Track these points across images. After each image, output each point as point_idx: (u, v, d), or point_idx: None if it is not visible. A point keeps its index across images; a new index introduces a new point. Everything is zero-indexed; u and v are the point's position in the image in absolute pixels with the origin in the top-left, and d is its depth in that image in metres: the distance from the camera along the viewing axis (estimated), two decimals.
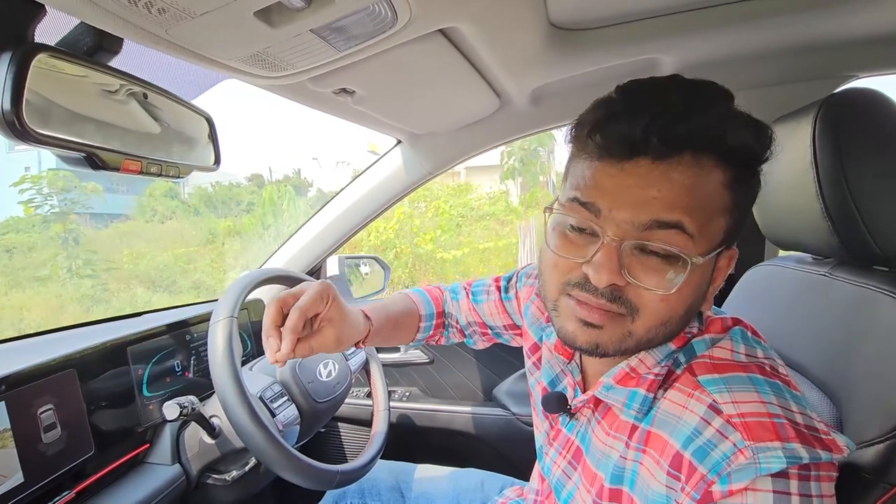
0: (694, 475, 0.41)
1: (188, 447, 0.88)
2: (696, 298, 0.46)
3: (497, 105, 1.05)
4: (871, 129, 0.56)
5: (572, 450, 0.58)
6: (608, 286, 0.43)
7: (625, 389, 0.49)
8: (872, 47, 0.91)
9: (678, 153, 0.41)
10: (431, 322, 0.81)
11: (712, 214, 0.43)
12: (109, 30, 0.46)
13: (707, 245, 0.43)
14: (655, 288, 0.43)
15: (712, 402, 0.43)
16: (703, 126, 0.41)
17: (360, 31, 0.57)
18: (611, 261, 0.42)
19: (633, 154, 0.42)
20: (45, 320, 4.81)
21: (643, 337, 0.45)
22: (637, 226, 0.42)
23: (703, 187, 0.42)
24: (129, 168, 0.50)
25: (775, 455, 0.38)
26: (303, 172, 10.56)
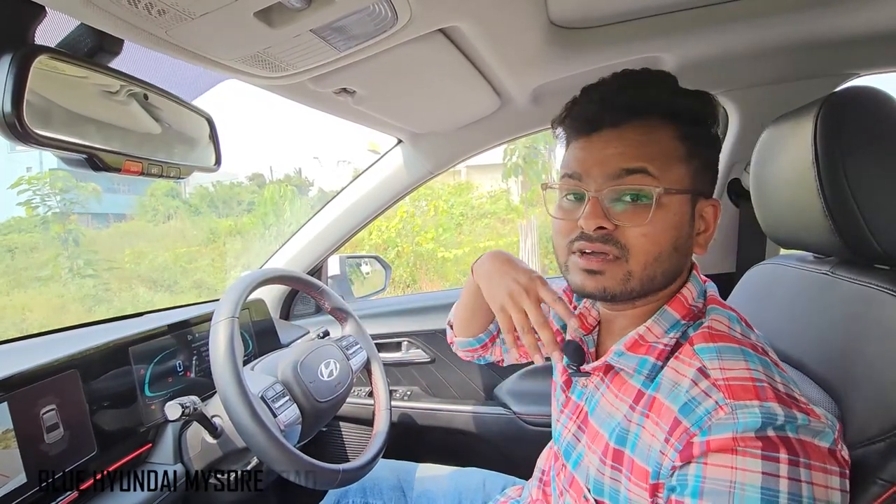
0: (678, 428, 0.46)
1: (190, 447, 0.88)
2: (680, 237, 0.53)
3: (498, 104, 1.05)
4: (872, 128, 0.56)
5: (581, 414, 0.62)
6: (597, 230, 0.52)
7: (635, 356, 0.55)
8: (873, 45, 0.91)
9: (628, 120, 0.52)
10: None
11: (670, 160, 0.52)
12: (110, 31, 0.46)
13: (672, 183, 0.51)
14: (634, 223, 0.51)
15: (701, 366, 0.48)
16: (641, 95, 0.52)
17: (360, 31, 0.57)
18: (595, 209, 0.52)
19: (595, 127, 0.53)
20: (47, 320, 4.81)
21: (642, 275, 0.52)
22: (609, 177, 0.52)
23: (655, 140, 0.52)
24: (130, 169, 0.50)
25: (752, 412, 0.42)
26: (304, 172, 10.58)
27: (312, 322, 1.45)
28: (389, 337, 1.41)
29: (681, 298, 0.56)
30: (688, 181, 0.53)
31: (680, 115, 0.52)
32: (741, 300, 0.82)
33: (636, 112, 0.52)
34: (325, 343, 1.03)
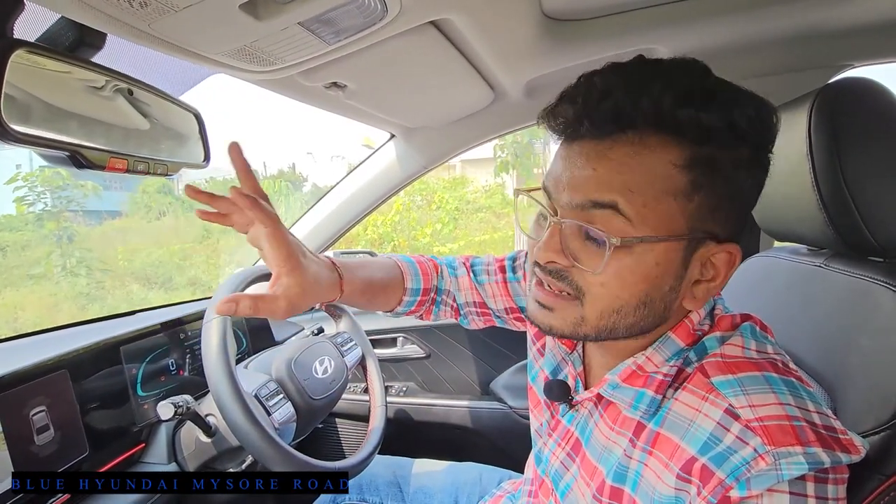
0: (711, 480, 0.39)
1: (184, 446, 0.87)
2: (656, 289, 0.43)
3: (491, 98, 1.04)
4: (867, 120, 0.55)
5: (571, 441, 0.57)
6: (549, 263, 0.44)
7: (632, 389, 0.48)
8: (868, 36, 0.91)
9: (613, 133, 0.40)
10: (416, 297, 0.73)
11: (659, 196, 0.40)
12: (90, 24, 0.45)
13: (655, 228, 0.41)
14: (588, 268, 0.42)
15: (728, 407, 0.41)
16: (632, 101, 0.39)
17: (349, 24, 0.55)
18: (552, 239, 0.43)
19: (573, 135, 0.43)
20: (39, 319, 4.77)
21: (597, 324, 0.45)
22: (575, 206, 0.42)
23: (645, 166, 0.40)
24: (115, 166, 0.49)
25: (797, 461, 0.37)
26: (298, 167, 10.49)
27: (307, 319, 1.44)
28: (384, 333, 1.41)
29: (687, 324, 0.47)
30: (682, 224, 0.41)
31: (688, 130, 0.39)
32: (735, 293, 0.82)
33: (624, 123, 0.40)
34: (320, 340, 1.03)
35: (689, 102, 0.39)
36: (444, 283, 0.76)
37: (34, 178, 5.77)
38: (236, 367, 0.92)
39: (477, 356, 1.37)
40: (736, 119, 0.39)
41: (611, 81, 0.41)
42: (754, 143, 0.41)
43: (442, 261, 0.78)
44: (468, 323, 0.79)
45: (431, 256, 0.79)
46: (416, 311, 0.75)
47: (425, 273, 0.74)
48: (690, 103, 0.39)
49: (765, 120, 0.41)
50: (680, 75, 0.41)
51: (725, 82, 0.42)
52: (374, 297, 0.68)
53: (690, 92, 0.39)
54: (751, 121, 0.40)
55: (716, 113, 0.39)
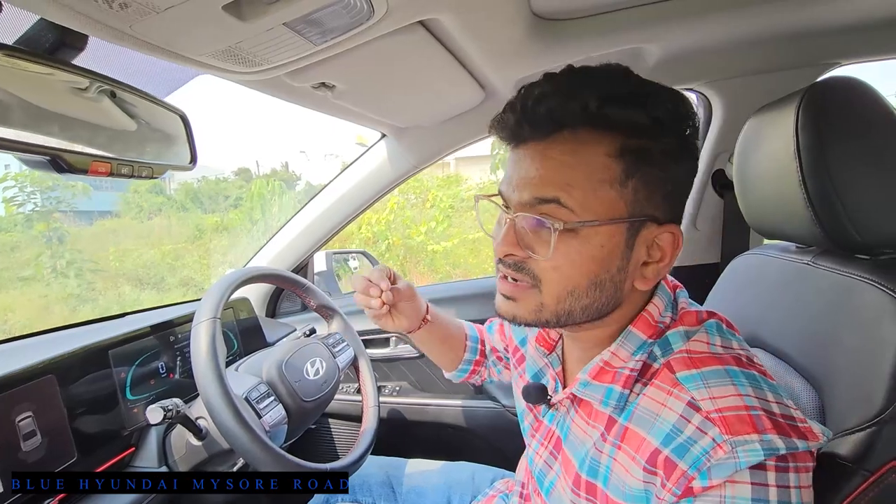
0: (675, 472, 0.42)
1: (175, 449, 0.87)
2: (605, 270, 0.47)
3: (482, 97, 1.04)
4: (853, 118, 0.56)
5: (553, 440, 0.59)
6: (507, 256, 0.49)
7: (601, 386, 0.51)
8: (855, 35, 0.91)
9: (552, 133, 0.45)
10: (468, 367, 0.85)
11: (597, 185, 0.45)
12: (70, 25, 0.44)
13: (597, 213, 0.45)
14: (540, 256, 0.46)
15: (690, 399, 0.44)
16: (564, 103, 0.44)
17: (335, 24, 0.55)
18: (507, 234, 0.48)
19: (519, 140, 0.47)
20: (30, 321, 4.72)
21: (556, 308, 0.48)
22: (524, 203, 0.46)
23: (581, 160, 0.44)
24: (97, 170, 0.49)
25: (753, 448, 0.39)
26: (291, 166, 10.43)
27: (299, 319, 1.43)
28: (377, 333, 1.40)
29: (646, 316, 0.51)
30: (622, 208, 0.45)
31: (617, 125, 0.44)
32: (725, 290, 0.83)
33: (561, 123, 0.44)
34: (311, 341, 1.02)
35: (614, 101, 0.44)
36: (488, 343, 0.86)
37: (23, 179, 5.69)
38: (227, 369, 0.91)
39: None
40: (658, 112, 0.44)
41: (545, 88, 0.45)
42: (677, 132, 0.46)
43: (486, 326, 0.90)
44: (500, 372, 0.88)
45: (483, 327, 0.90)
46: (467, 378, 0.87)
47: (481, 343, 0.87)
48: (614, 102, 0.44)
49: (682, 111, 0.46)
50: (604, 78, 0.46)
51: (645, 82, 0.47)
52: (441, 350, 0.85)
53: (614, 92, 0.44)
54: (670, 113, 0.45)
55: (639, 108, 0.44)
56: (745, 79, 1.06)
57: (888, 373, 0.48)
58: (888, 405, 0.47)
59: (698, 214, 1.19)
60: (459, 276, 5.66)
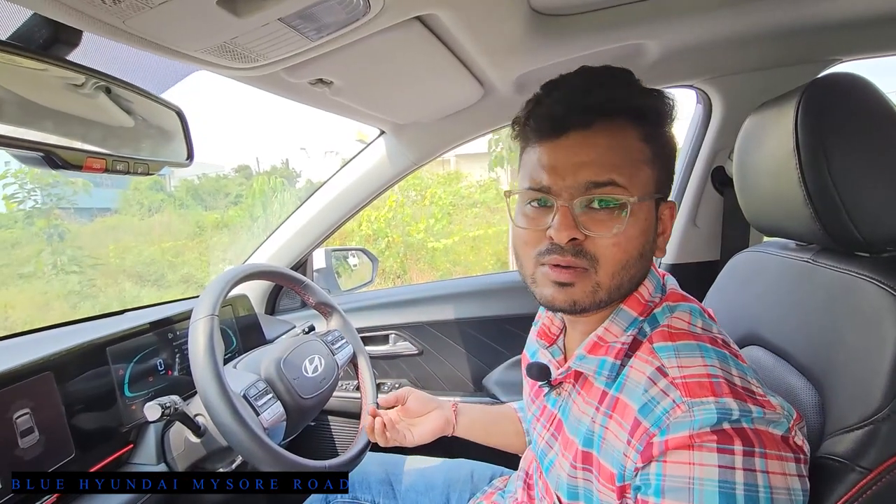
0: (639, 429, 0.46)
1: (173, 446, 0.87)
2: (647, 242, 0.52)
3: (481, 93, 1.03)
4: (853, 115, 0.55)
5: (555, 423, 0.62)
6: (569, 242, 0.50)
7: (595, 358, 0.55)
8: (855, 31, 0.91)
9: (595, 121, 0.49)
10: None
11: (637, 165, 0.50)
12: (64, 21, 0.44)
13: (641, 191, 0.50)
14: (606, 233, 0.50)
15: (660, 366, 0.49)
16: (609, 96, 0.49)
17: (331, 20, 0.54)
18: (566, 219, 0.50)
19: (562, 130, 0.50)
20: (30, 318, 4.72)
21: (610, 284, 0.51)
22: (579, 188, 0.50)
23: (622, 145, 0.50)
24: (92, 167, 0.48)
25: (707, 408, 0.43)
26: (291, 162, 10.41)
27: (299, 316, 1.43)
28: (376, 330, 1.40)
29: (636, 296, 0.55)
30: (652, 186, 0.52)
31: (646, 115, 0.51)
32: (725, 287, 0.82)
33: (605, 113, 0.49)
34: (310, 339, 1.02)
35: (642, 93, 0.52)
36: None
37: (24, 176, 5.69)
38: (225, 366, 0.91)
39: (469, 353, 1.36)
40: (664, 104, 0.53)
41: (588, 81, 0.51)
42: (672, 122, 0.54)
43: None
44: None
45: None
46: None
47: None
48: (643, 94, 0.52)
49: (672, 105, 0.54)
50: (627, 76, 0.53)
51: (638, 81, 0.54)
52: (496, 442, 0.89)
53: (638, 86, 0.52)
54: (668, 106, 0.53)
55: (655, 100, 0.52)
56: (744, 75, 1.06)
57: (888, 371, 0.48)
58: (887, 403, 0.47)
59: (698, 212, 1.19)
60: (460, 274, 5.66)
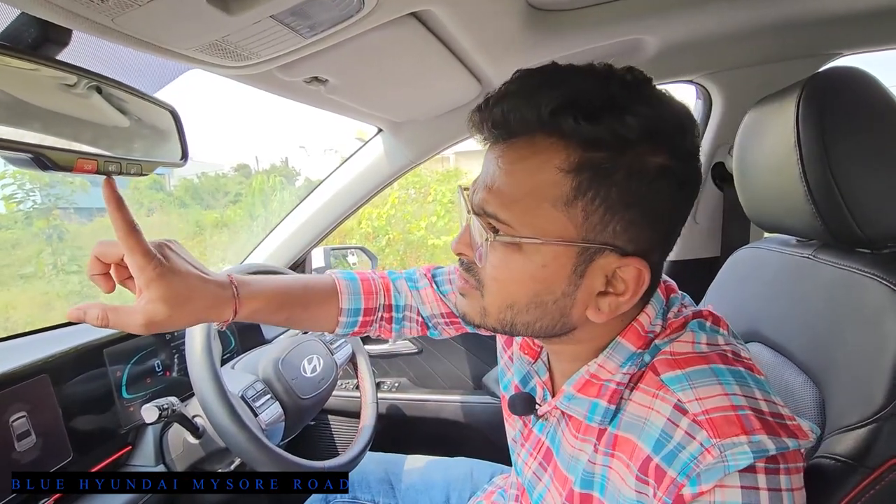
0: (664, 479, 0.40)
1: (172, 447, 0.87)
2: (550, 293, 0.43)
3: (478, 90, 1.02)
4: (855, 109, 0.54)
5: (542, 450, 0.57)
6: (459, 254, 0.48)
7: (586, 399, 0.48)
8: (856, 24, 0.90)
9: (514, 136, 0.41)
10: (356, 318, 0.69)
11: (537, 203, 0.41)
12: (52, 20, 0.43)
13: (535, 232, 0.41)
14: (479, 262, 0.45)
15: (677, 402, 0.41)
16: (515, 109, 0.40)
17: (324, 17, 0.54)
18: (463, 234, 0.47)
19: (487, 140, 0.44)
20: (32, 318, 4.72)
21: (497, 316, 0.46)
22: (475, 208, 0.45)
23: (527, 173, 0.41)
24: (83, 168, 0.47)
25: (742, 451, 0.37)
26: (290, 161, 10.38)
27: None
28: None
29: (636, 327, 0.47)
30: (572, 230, 0.41)
31: (572, 136, 0.39)
32: (725, 284, 0.82)
33: (513, 129, 0.41)
34: (308, 338, 1.02)
35: (572, 108, 0.38)
36: (403, 300, 0.73)
37: (22, 176, 5.67)
38: (223, 367, 0.91)
39: (469, 351, 1.36)
40: (621, 127, 0.38)
41: (509, 88, 0.41)
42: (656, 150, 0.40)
43: (400, 275, 0.76)
44: (439, 333, 0.77)
45: (388, 272, 0.76)
46: (361, 330, 0.71)
47: (368, 292, 0.71)
48: (572, 109, 0.38)
49: (662, 124, 0.40)
50: (574, 81, 0.40)
51: (627, 85, 0.40)
52: (292, 315, 0.63)
53: (576, 100, 0.39)
54: (643, 126, 0.38)
55: (597, 121, 0.38)
56: (744, 70, 1.05)
57: (889, 368, 0.47)
58: (889, 401, 0.47)
59: (698, 208, 1.18)
60: None
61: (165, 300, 0.47)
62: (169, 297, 0.47)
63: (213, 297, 0.52)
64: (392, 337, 0.78)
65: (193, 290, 0.50)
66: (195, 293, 0.50)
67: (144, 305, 0.47)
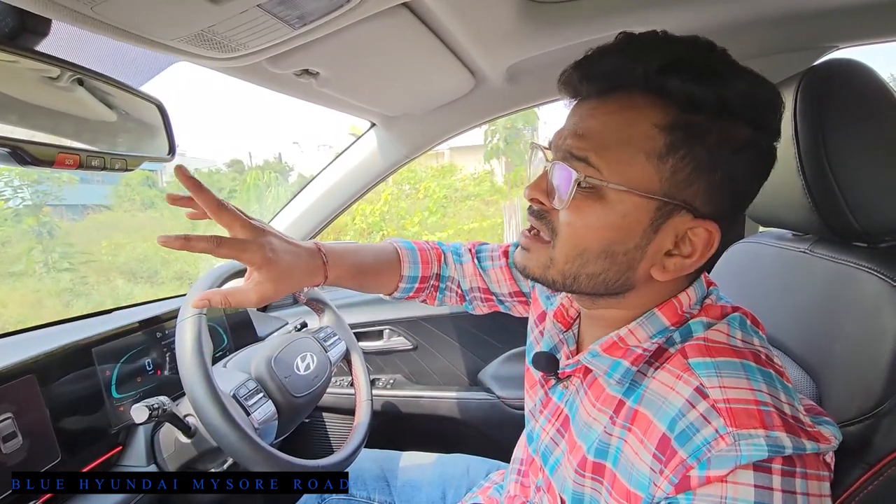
0: (674, 459, 0.40)
1: (164, 447, 0.85)
2: (622, 244, 0.44)
3: (472, 84, 1.01)
4: (852, 102, 0.54)
5: (561, 418, 0.57)
6: (532, 200, 0.48)
7: (609, 358, 0.49)
8: (853, 17, 0.89)
9: (609, 92, 0.44)
10: (413, 284, 0.76)
11: (632, 152, 0.42)
12: (28, 8, 0.41)
13: (624, 180, 0.43)
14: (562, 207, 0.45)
15: (699, 385, 0.41)
16: (620, 65, 0.42)
17: (314, 6, 0.52)
18: (539, 180, 0.47)
19: (579, 95, 0.46)
20: (23, 316, 4.68)
21: (563, 267, 0.47)
22: (560, 155, 0.46)
23: (623, 125, 0.43)
24: (64, 163, 0.46)
25: (757, 443, 0.37)
26: (284, 157, 10.33)
27: (291, 313, 1.41)
28: (370, 325, 1.39)
29: (674, 303, 0.48)
30: (657, 185, 0.42)
31: (673, 96, 0.41)
32: (721, 279, 0.81)
33: (615, 84, 0.43)
34: (302, 336, 1.00)
35: (676, 70, 0.40)
36: (449, 271, 0.79)
37: (10, 173, 5.60)
38: (215, 366, 0.90)
39: (464, 347, 1.35)
40: (725, 93, 0.40)
41: (613, 46, 0.44)
42: (748, 121, 0.42)
43: (448, 248, 0.81)
44: (473, 308, 0.82)
45: (438, 244, 0.81)
46: (415, 296, 0.78)
47: (425, 261, 0.77)
48: (677, 71, 0.40)
49: (759, 99, 0.42)
50: (679, 46, 0.42)
51: (728, 60, 0.43)
52: (365, 281, 0.71)
53: (680, 60, 0.41)
54: (744, 98, 0.41)
55: (704, 83, 0.40)
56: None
57: (887, 363, 0.47)
58: (887, 396, 0.46)
59: None
60: None
61: (272, 279, 0.55)
62: (275, 277, 0.55)
63: (307, 267, 0.60)
64: (435, 304, 0.82)
65: (293, 266, 0.57)
66: (294, 268, 0.57)
67: (255, 286, 0.55)
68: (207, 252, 0.51)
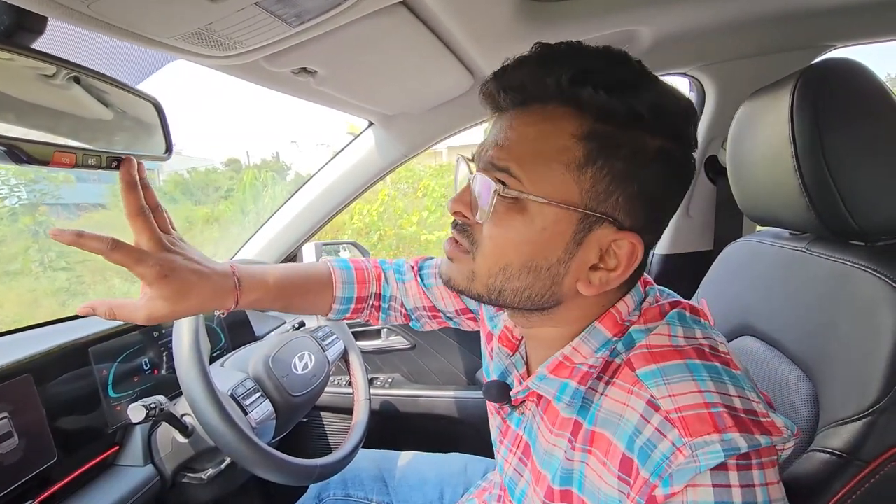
0: (638, 479, 0.40)
1: (161, 447, 0.85)
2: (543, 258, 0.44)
3: (471, 82, 1.01)
4: (850, 101, 0.54)
5: (521, 446, 0.56)
6: (455, 213, 0.48)
7: (556, 380, 0.48)
8: (850, 16, 0.89)
9: (526, 103, 0.44)
10: (348, 305, 0.72)
11: (549, 163, 0.42)
12: (23, 5, 0.41)
13: (546, 192, 0.42)
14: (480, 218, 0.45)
15: (650, 398, 0.41)
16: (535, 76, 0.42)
17: (312, 4, 0.52)
18: (462, 193, 0.47)
19: (497, 108, 0.46)
20: (19, 316, 4.65)
21: (486, 281, 0.46)
22: (482, 167, 0.46)
23: (541, 135, 0.43)
24: (60, 161, 0.46)
25: (713, 450, 0.37)
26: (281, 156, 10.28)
27: None
28: (368, 325, 1.39)
29: (614, 314, 0.48)
30: (577, 196, 0.42)
31: (587, 106, 0.41)
32: (718, 278, 0.82)
33: (530, 95, 0.43)
34: (299, 335, 1.00)
35: (587, 81, 0.40)
36: (390, 290, 0.76)
37: (6, 172, 5.57)
38: (212, 365, 0.89)
39: (462, 346, 1.36)
40: (635, 104, 0.41)
41: (528, 58, 0.43)
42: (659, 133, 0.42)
43: (390, 266, 0.78)
44: (421, 326, 0.79)
45: (380, 262, 0.78)
46: (353, 316, 0.75)
47: (361, 281, 0.73)
48: (588, 81, 0.40)
49: (668, 109, 0.42)
50: (591, 57, 0.43)
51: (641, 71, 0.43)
52: (293, 301, 0.67)
53: (591, 71, 0.41)
54: (652, 107, 0.41)
55: (615, 94, 0.40)
56: (738, 62, 1.05)
57: (884, 361, 0.47)
58: (884, 394, 0.47)
59: (691, 202, 1.18)
60: None
61: (165, 298, 0.50)
62: (168, 295, 0.51)
63: (214, 289, 0.55)
64: (379, 324, 0.79)
65: (192, 287, 0.52)
66: (194, 289, 0.52)
67: (146, 302, 0.51)
68: (98, 253, 0.47)
